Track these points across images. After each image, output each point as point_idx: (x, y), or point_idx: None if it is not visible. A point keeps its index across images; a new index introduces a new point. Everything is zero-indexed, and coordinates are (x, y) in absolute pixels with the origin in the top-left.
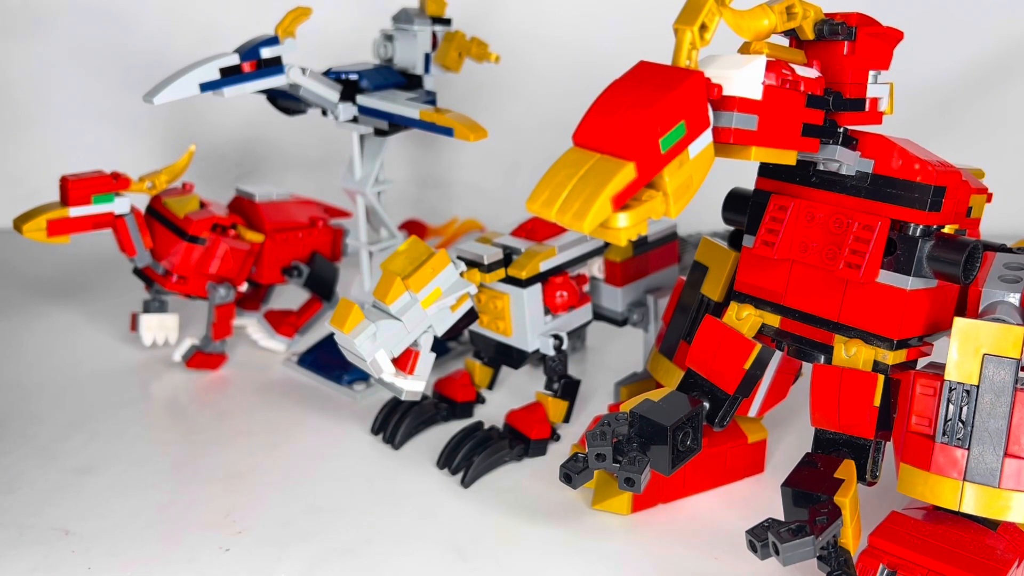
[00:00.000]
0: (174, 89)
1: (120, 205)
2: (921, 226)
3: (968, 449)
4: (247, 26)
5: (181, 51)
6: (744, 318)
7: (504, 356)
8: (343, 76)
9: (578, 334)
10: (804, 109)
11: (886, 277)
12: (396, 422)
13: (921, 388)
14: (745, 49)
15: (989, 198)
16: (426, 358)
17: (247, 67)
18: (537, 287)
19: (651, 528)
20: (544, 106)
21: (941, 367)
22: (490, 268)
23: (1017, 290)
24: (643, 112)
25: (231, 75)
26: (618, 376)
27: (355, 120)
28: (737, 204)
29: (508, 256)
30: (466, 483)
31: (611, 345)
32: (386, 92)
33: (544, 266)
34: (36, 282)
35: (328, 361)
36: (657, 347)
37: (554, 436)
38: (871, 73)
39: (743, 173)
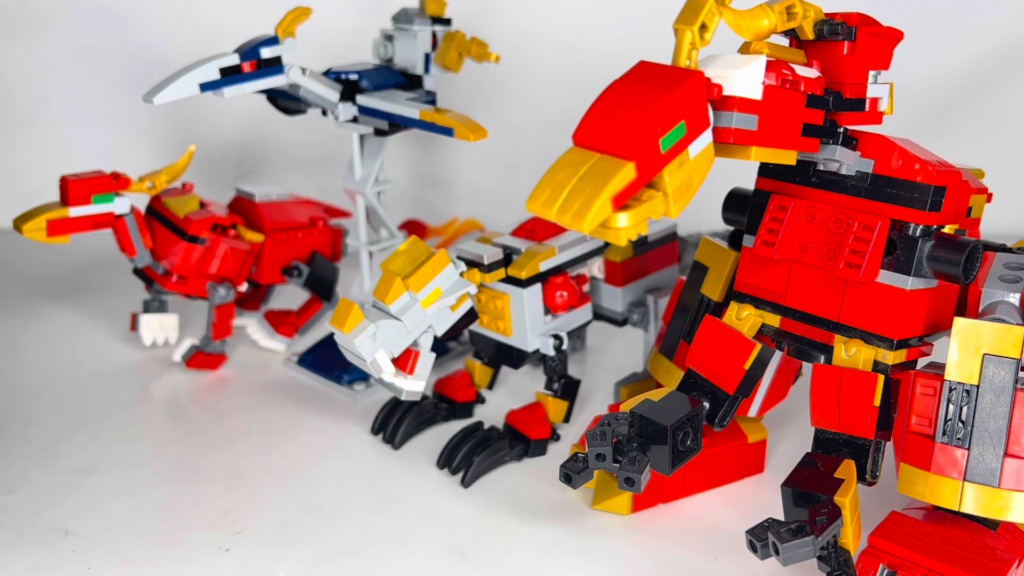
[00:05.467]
0: (174, 89)
1: (120, 205)
2: (921, 226)
3: (968, 449)
4: (247, 26)
5: (181, 51)
6: (744, 318)
7: (504, 356)
8: (343, 76)
9: (578, 334)
10: (804, 109)
11: (886, 277)
12: (396, 422)
13: (921, 388)
14: (745, 49)
15: (989, 198)
16: (426, 358)
17: (247, 67)
18: (537, 287)
19: (651, 528)
20: (544, 106)
21: (941, 367)
22: (490, 268)
23: (1017, 290)
24: (643, 112)
25: (231, 75)
26: (618, 376)
27: (355, 120)
28: (737, 204)
29: (508, 256)
30: (466, 483)
31: (611, 345)
32: (386, 92)
33: (544, 266)
34: (36, 282)
35: (328, 361)
36: (657, 347)
37: (554, 436)
38: (871, 73)
39: (743, 173)
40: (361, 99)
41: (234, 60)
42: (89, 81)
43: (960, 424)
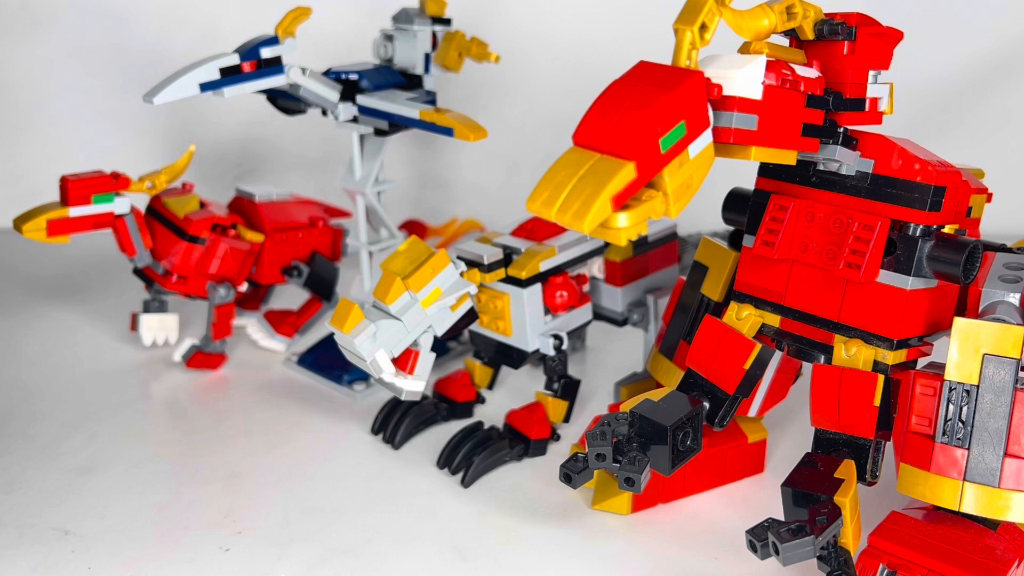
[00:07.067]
0: (174, 89)
1: (120, 205)
2: (921, 226)
3: (968, 449)
4: (247, 26)
5: (181, 51)
6: (744, 318)
7: (504, 356)
8: (343, 76)
9: (578, 334)
10: (804, 109)
11: (886, 277)
12: (396, 422)
13: (921, 388)
14: (745, 49)
15: (989, 198)
16: (426, 358)
17: (247, 67)
18: (537, 287)
19: (651, 528)
20: (544, 106)
21: (941, 367)
22: (490, 268)
23: (1017, 290)
24: (643, 112)
25: (231, 75)
26: (618, 376)
27: (355, 120)
28: (737, 204)
29: (508, 256)
30: (466, 483)
31: (611, 345)
32: (386, 92)
33: (544, 266)
34: (36, 282)
35: (328, 361)
36: (657, 347)
37: (554, 436)
38: (871, 73)
39: (743, 173)
40: (361, 99)
41: (234, 60)
42: (89, 81)
43: (960, 424)
